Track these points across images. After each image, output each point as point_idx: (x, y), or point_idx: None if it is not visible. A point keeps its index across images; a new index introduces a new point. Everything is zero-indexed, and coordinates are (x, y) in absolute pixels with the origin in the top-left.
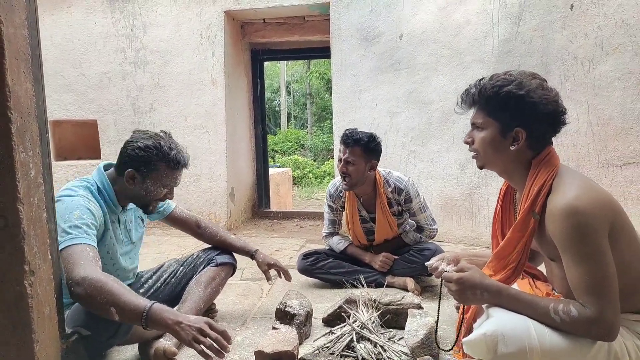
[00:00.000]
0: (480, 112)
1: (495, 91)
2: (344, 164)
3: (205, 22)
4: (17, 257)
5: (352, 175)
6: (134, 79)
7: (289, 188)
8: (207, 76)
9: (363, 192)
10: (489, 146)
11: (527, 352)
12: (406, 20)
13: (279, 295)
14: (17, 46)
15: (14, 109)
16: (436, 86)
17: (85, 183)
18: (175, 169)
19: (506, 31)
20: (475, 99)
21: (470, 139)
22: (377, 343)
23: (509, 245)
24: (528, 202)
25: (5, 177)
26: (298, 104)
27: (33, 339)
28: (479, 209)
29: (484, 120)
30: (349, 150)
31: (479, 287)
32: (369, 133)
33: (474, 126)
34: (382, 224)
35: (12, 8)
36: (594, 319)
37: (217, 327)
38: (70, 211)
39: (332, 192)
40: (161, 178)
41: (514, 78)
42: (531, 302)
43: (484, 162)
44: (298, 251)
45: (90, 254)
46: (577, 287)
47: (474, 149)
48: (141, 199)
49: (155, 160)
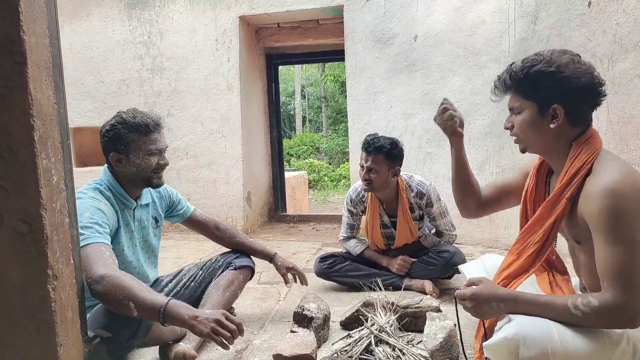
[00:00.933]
0: (515, 96)
1: (526, 72)
2: (366, 172)
3: (221, 27)
4: (40, 262)
5: (375, 182)
6: (151, 85)
7: (304, 191)
8: (222, 81)
9: (386, 197)
10: (528, 128)
11: (549, 355)
12: (420, 21)
13: (297, 298)
14: (39, 55)
15: (37, 116)
16: (452, 87)
17: (94, 184)
18: (148, 132)
19: (522, 30)
20: (507, 84)
21: (510, 124)
22: (395, 346)
23: (537, 224)
24: (564, 181)
25: (28, 184)
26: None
27: (57, 342)
28: None
29: (520, 103)
30: (371, 157)
31: (494, 298)
32: (391, 139)
33: (512, 111)
34: (403, 229)
35: (34, 18)
36: (617, 305)
37: (233, 319)
38: (80, 214)
39: (354, 197)
40: (141, 147)
41: (543, 57)
42: (548, 303)
43: (526, 144)
44: (315, 254)
45: (106, 253)
46: (604, 270)
47: (515, 133)
48: (139, 177)
49: (125, 133)
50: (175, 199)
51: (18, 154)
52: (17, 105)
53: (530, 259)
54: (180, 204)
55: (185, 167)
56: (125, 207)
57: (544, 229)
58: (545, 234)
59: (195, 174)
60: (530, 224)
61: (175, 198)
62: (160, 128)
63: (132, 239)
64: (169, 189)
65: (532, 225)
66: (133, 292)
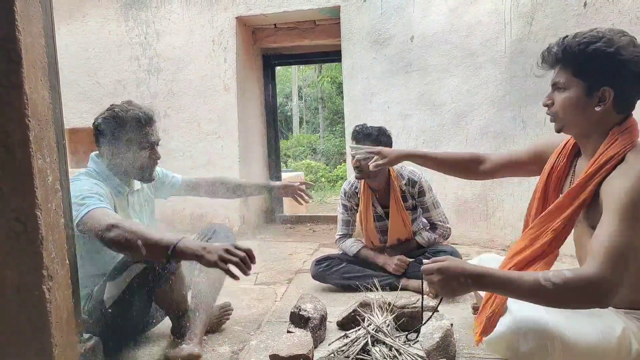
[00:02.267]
0: (563, 72)
1: (582, 49)
2: (356, 159)
3: (217, 28)
4: (35, 262)
5: (365, 169)
6: (147, 86)
7: None
8: (219, 82)
9: (378, 186)
10: (572, 107)
11: (548, 348)
12: (417, 22)
13: (293, 299)
14: (34, 55)
15: (32, 116)
16: (448, 88)
17: (86, 170)
18: (140, 126)
19: (519, 31)
20: (558, 58)
21: (550, 100)
22: (392, 346)
23: (557, 211)
24: (593, 168)
25: (23, 184)
26: (310, 109)
27: (52, 343)
28: (494, 210)
29: (567, 80)
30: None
31: (461, 274)
32: (379, 127)
33: (555, 87)
34: (396, 219)
35: (29, 18)
36: (594, 279)
37: (242, 247)
38: (79, 189)
39: (347, 189)
40: (132, 140)
41: (603, 35)
42: (518, 278)
43: (564, 124)
44: (311, 255)
45: (110, 212)
46: (597, 243)
47: (554, 111)
48: (131, 170)
49: (117, 127)
50: (162, 174)
51: (13, 154)
52: (13, 105)
53: (544, 246)
54: (166, 176)
55: (181, 168)
56: (118, 192)
57: (563, 217)
58: (564, 222)
59: (192, 174)
60: (550, 210)
61: (162, 173)
62: (153, 122)
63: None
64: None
65: (552, 211)
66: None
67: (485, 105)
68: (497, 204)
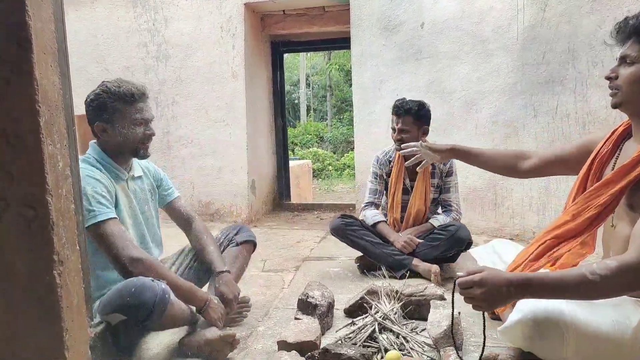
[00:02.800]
0: (636, 45)
1: None
2: (398, 133)
3: (226, 15)
4: (46, 248)
5: (407, 142)
6: (156, 73)
7: (309, 180)
8: (227, 69)
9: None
10: (637, 81)
11: (562, 335)
12: (427, 8)
13: (301, 286)
14: (44, 40)
15: (42, 102)
16: (459, 75)
17: (82, 158)
18: (133, 102)
19: (531, 17)
20: (636, 30)
21: (615, 74)
22: (399, 334)
23: (605, 187)
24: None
25: (34, 169)
26: (317, 96)
27: (63, 327)
28: (503, 199)
29: (639, 54)
30: (401, 119)
31: (504, 283)
32: (418, 101)
33: (623, 60)
34: (420, 191)
35: (39, 3)
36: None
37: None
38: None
39: (381, 157)
40: (126, 116)
41: None
42: (563, 277)
43: (624, 99)
44: (318, 243)
45: (126, 232)
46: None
47: (617, 84)
48: (126, 147)
49: (109, 102)
50: (162, 177)
51: (24, 140)
52: (23, 91)
53: (586, 222)
54: (165, 185)
55: (189, 155)
56: (118, 177)
57: (610, 193)
58: (611, 198)
59: (199, 162)
60: (597, 186)
61: (162, 176)
62: (145, 97)
63: (133, 209)
64: (157, 168)
65: (598, 187)
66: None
67: (495, 93)
68: (506, 192)
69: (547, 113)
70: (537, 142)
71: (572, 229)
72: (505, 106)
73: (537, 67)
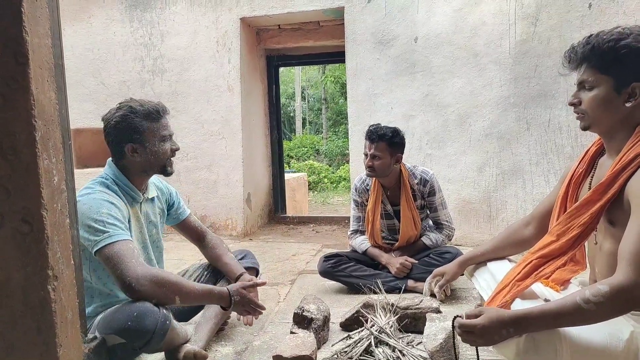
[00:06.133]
0: (590, 70)
1: (611, 46)
2: (370, 159)
3: (222, 29)
4: (41, 262)
5: (378, 168)
6: (152, 86)
7: (304, 193)
8: (223, 83)
9: (389, 184)
10: (600, 104)
11: (556, 349)
12: (421, 23)
13: (297, 300)
14: (41, 55)
15: (39, 117)
16: (452, 89)
17: (100, 179)
18: (159, 119)
19: (523, 32)
20: (585, 56)
21: (577, 99)
22: (395, 347)
23: (585, 207)
24: (620, 164)
25: (29, 184)
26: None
27: (56, 342)
28: (497, 212)
29: (594, 78)
30: (374, 145)
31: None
32: (393, 128)
33: (581, 85)
34: (407, 217)
35: (36, 19)
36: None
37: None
38: (97, 209)
39: (358, 185)
40: (154, 134)
41: (630, 31)
42: (558, 308)
43: (592, 122)
44: (314, 256)
45: (135, 251)
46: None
47: (581, 109)
48: (155, 164)
49: (138, 122)
50: (175, 198)
51: (20, 155)
52: (19, 105)
53: (570, 241)
54: (178, 205)
55: (185, 168)
56: (133, 200)
57: (591, 212)
58: (591, 217)
59: (195, 175)
60: (577, 206)
61: (175, 198)
62: (167, 113)
63: (142, 234)
64: (170, 187)
65: (579, 207)
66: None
67: (489, 107)
68: (500, 205)
69: (540, 126)
70: (530, 155)
71: (557, 248)
72: (498, 119)
73: (529, 81)
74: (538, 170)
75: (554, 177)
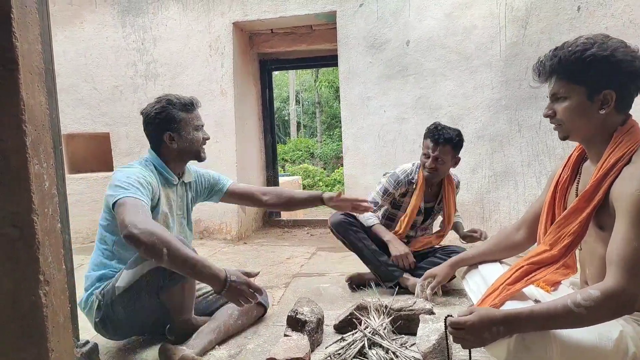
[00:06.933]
0: (560, 82)
1: (578, 56)
2: (433, 161)
3: (214, 34)
4: (32, 267)
5: (440, 171)
6: (145, 91)
7: None
8: (216, 87)
9: (434, 183)
10: (574, 114)
11: (546, 349)
12: (413, 26)
13: (291, 303)
14: (31, 61)
15: (29, 122)
16: (444, 91)
17: (140, 160)
18: (193, 110)
19: (513, 34)
20: (554, 69)
21: (551, 111)
22: (389, 349)
23: (572, 215)
24: (602, 171)
25: (20, 189)
26: (307, 113)
27: (48, 347)
28: (490, 213)
29: (566, 89)
30: (439, 148)
31: (493, 323)
32: (457, 130)
33: (554, 97)
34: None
35: (26, 24)
36: (619, 289)
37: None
38: (127, 175)
39: (402, 178)
40: (190, 123)
41: (594, 40)
42: (550, 311)
43: (570, 131)
44: (308, 259)
45: (144, 207)
46: (616, 251)
47: (558, 120)
48: (190, 151)
49: (175, 113)
50: (214, 176)
51: (10, 160)
52: (9, 110)
53: (563, 250)
54: (219, 180)
55: None
56: (167, 182)
57: (579, 220)
58: (580, 225)
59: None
60: (565, 215)
61: (214, 175)
62: (200, 106)
63: (171, 212)
64: (208, 171)
65: (567, 216)
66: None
67: (480, 109)
68: (493, 206)
69: (531, 128)
70: (521, 156)
71: (550, 257)
72: (490, 121)
73: (520, 83)
74: (530, 172)
75: (545, 179)
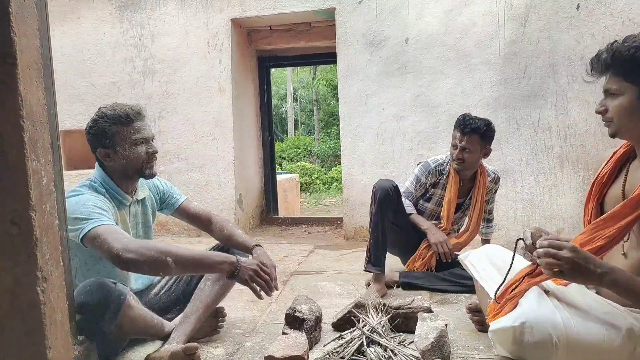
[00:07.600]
0: (615, 78)
1: (633, 53)
2: (460, 151)
3: (213, 30)
4: (30, 264)
5: (468, 162)
6: (142, 87)
7: (296, 194)
8: (214, 84)
9: (465, 177)
10: (626, 112)
11: (552, 342)
12: (412, 24)
13: (289, 300)
14: (29, 56)
15: (27, 117)
16: (443, 89)
17: (88, 182)
18: (130, 122)
19: (512, 32)
20: (608, 64)
21: (604, 107)
22: (387, 347)
23: (612, 219)
24: None
25: (18, 185)
26: (305, 111)
27: (46, 345)
28: None
29: (619, 86)
30: (466, 138)
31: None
32: (486, 120)
33: (608, 93)
34: (477, 213)
35: (24, 19)
36: None
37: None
38: (82, 203)
39: (432, 166)
40: (125, 138)
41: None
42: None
43: (618, 129)
44: (306, 257)
45: (118, 229)
46: None
47: (608, 117)
48: (131, 169)
49: (107, 127)
50: (167, 189)
51: (7, 155)
52: (7, 106)
53: (592, 251)
54: (172, 194)
55: (176, 170)
56: (121, 204)
57: (618, 226)
58: (619, 231)
59: (186, 177)
60: (605, 217)
61: (167, 189)
62: (142, 117)
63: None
64: (162, 182)
65: (606, 219)
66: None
67: (479, 107)
68: None
69: (530, 126)
70: (520, 155)
71: None
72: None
73: (519, 82)
74: (528, 170)
75: (543, 177)
